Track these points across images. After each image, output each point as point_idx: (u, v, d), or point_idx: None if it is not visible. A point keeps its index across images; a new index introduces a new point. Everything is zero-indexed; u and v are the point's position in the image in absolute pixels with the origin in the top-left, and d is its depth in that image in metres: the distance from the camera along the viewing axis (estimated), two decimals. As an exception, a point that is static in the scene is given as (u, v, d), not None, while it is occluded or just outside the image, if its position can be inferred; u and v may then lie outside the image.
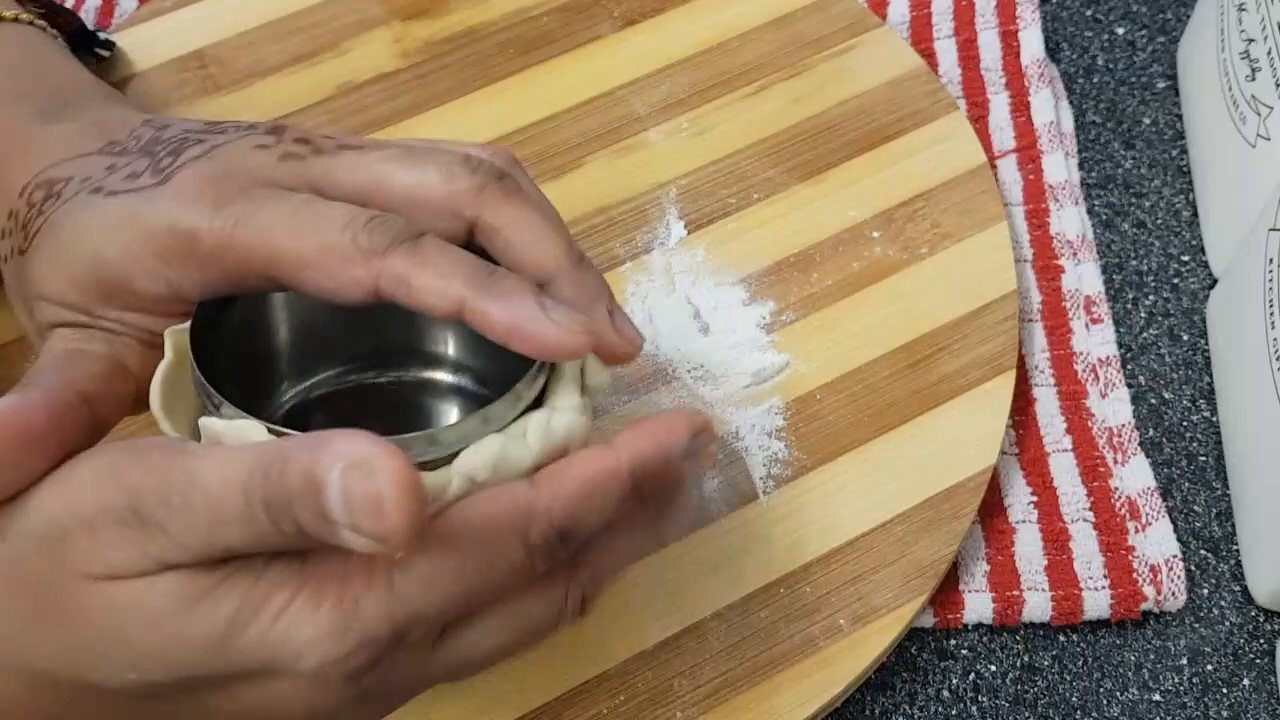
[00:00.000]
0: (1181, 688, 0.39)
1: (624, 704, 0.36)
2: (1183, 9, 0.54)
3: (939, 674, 0.39)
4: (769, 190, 0.46)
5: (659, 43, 0.50)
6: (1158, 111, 0.51)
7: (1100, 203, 0.49)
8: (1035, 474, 0.42)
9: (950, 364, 0.42)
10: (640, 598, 0.38)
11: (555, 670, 0.37)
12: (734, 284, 0.44)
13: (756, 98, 0.49)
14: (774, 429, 0.41)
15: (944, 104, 0.48)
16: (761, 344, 0.43)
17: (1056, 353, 0.44)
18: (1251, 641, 0.39)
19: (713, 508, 0.40)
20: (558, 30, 0.51)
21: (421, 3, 0.52)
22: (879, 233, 0.45)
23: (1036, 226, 0.47)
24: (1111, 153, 0.50)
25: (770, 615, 0.38)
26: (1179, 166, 0.49)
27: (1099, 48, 0.53)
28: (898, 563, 0.38)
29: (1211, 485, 0.42)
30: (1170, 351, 0.45)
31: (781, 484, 0.40)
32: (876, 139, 0.47)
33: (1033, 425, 0.43)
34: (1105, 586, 0.39)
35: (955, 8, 0.52)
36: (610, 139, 0.48)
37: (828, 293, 0.44)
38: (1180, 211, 0.48)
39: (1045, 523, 0.41)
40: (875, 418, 0.41)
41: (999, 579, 0.40)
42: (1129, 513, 0.41)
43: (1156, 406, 0.44)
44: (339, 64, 0.51)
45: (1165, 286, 0.47)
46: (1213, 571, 0.41)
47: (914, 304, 0.44)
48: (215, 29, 0.52)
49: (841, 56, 0.50)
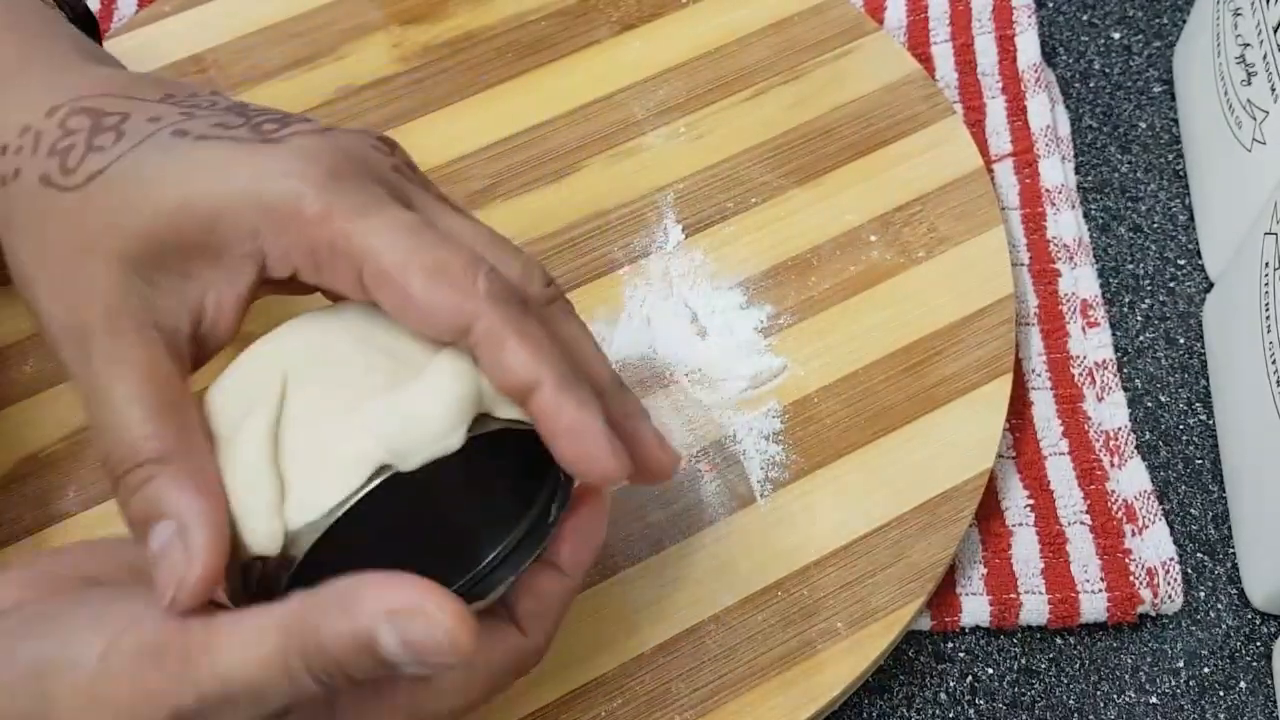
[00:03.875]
0: (1178, 690, 0.39)
1: (621, 708, 0.36)
2: (1178, 14, 0.54)
3: (936, 677, 0.39)
4: (766, 194, 0.47)
5: (657, 47, 0.50)
6: (1154, 116, 0.51)
7: (1097, 207, 0.49)
8: (1032, 477, 0.42)
9: (947, 367, 0.42)
10: (638, 601, 0.38)
11: (553, 674, 0.37)
12: (731, 288, 0.44)
13: (754, 102, 0.49)
14: (771, 432, 0.41)
15: (941, 108, 0.48)
16: (759, 347, 0.43)
17: (1053, 356, 0.44)
18: (1248, 644, 0.39)
19: (710, 511, 0.40)
20: (556, 35, 0.51)
21: (420, 7, 0.52)
22: (876, 236, 0.45)
23: (1033, 230, 0.47)
24: (1108, 157, 0.50)
25: (768, 618, 0.38)
26: (1175, 171, 0.50)
27: (1095, 52, 0.53)
28: (895, 566, 0.38)
29: (1208, 488, 0.42)
30: (1166, 355, 0.45)
31: (779, 487, 0.40)
32: (874, 143, 0.48)
33: (1029, 428, 0.43)
34: (1102, 589, 0.39)
35: (952, 12, 0.52)
36: (608, 143, 0.48)
37: (825, 296, 0.44)
38: (1176, 215, 0.48)
39: (1042, 526, 0.41)
40: (872, 421, 0.41)
41: (996, 582, 0.40)
42: (1125, 516, 0.41)
43: (1153, 410, 0.44)
44: (337, 68, 0.51)
45: (1161, 290, 0.47)
46: (1209, 574, 0.41)
47: (911, 307, 0.44)
48: (214, 33, 0.52)
49: (839, 61, 0.50)
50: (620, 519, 0.40)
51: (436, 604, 0.24)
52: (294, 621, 0.24)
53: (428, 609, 0.23)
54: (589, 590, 0.38)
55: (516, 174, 0.47)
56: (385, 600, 0.24)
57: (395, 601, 0.24)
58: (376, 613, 0.24)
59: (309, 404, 0.26)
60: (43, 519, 0.41)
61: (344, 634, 0.24)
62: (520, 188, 0.47)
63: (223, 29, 0.52)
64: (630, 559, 0.39)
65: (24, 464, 0.41)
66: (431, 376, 0.26)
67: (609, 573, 0.39)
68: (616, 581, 0.39)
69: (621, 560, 0.39)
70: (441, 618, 0.23)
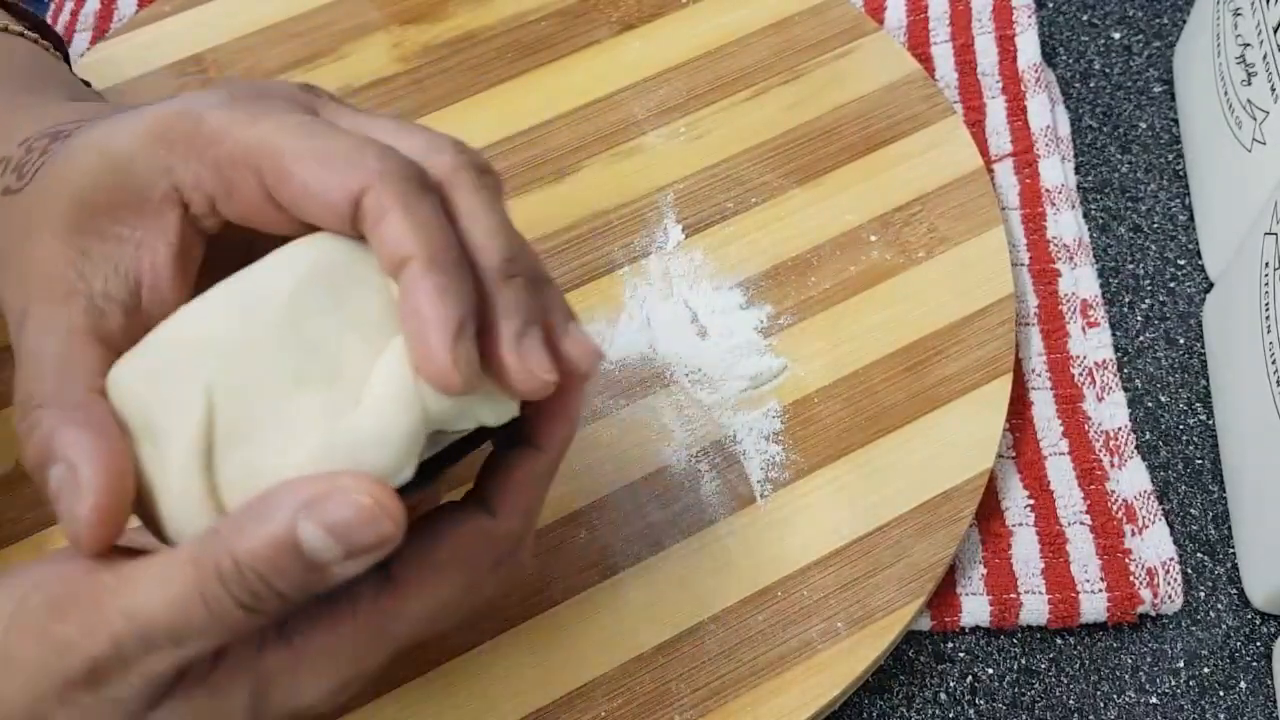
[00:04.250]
0: (1178, 690, 0.39)
1: (621, 708, 0.36)
2: (1178, 14, 0.54)
3: (936, 677, 0.39)
4: (766, 194, 0.47)
5: (657, 47, 0.50)
6: (1154, 116, 0.51)
7: (1096, 207, 0.49)
8: (1032, 477, 0.42)
9: (947, 367, 0.42)
10: (638, 601, 0.38)
11: (553, 674, 0.37)
12: (732, 288, 0.44)
13: (754, 102, 0.49)
14: (771, 432, 0.41)
15: (941, 108, 0.48)
16: (759, 347, 0.43)
17: (1053, 356, 0.44)
18: (1248, 644, 0.39)
19: (710, 511, 0.40)
20: (556, 35, 0.51)
21: (420, 7, 0.52)
22: (876, 236, 0.45)
23: (1033, 230, 0.47)
24: (1108, 157, 0.50)
25: (768, 618, 0.38)
26: (1175, 171, 0.50)
27: (1095, 52, 0.53)
28: (895, 566, 0.38)
29: (1208, 488, 0.42)
30: (1166, 355, 0.45)
31: (779, 487, 0.40)
32: (874, 143, 0.48)
33: (1030, 428, 0.43)
34: (1102, 589, 0.39)
35: (952, 12, 0.52)
36: (608, 143, 0.48)
37: (825, 296, 0.44)
38: (1176, 215, 0.49)
39: (1042, 526, 0.41)
40: (872, 421, 0.41)
41: (996, 582, 0.40)
42: (1125, 516, 0.41)
43: (1153, 410, 0.44)
44: (337, 68, 0.51)
45: (1161, 290, 0.47)
46: (1209, 574, 0.41)
47: (911, 307, 0.44)
48: (214, 33, 0.52)
49: (839, 61, 0.50)
50: (620, 519, 0.40)
51: (353, 482, 0.23)
52: (205, 549, 0.23)
53: (342, 485, 0.23)
54: (589, 590, 0.38)
55: (516, 174, 0.47)
56: (300, 495, 0.23)
57: (309, 491, 0.23)
58: (293, 509, 0.23)
59: (237, 424, 0.24)
60: (42, 519, 0.41)
61: (262, 542, 0.23)
62: (520, 188, 0.47)
63: (223, 29, 0.52)
64: (630, 559, 0.39)
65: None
66: (374, 404, 0.24)
67: (609, 573, 0.39)
68: (616, 581, 0.39)
69: (621, 560, 0.39)
70: (359, 492, 0.23)
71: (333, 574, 0.23)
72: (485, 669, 0.37)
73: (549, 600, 0.38)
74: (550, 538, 0.39)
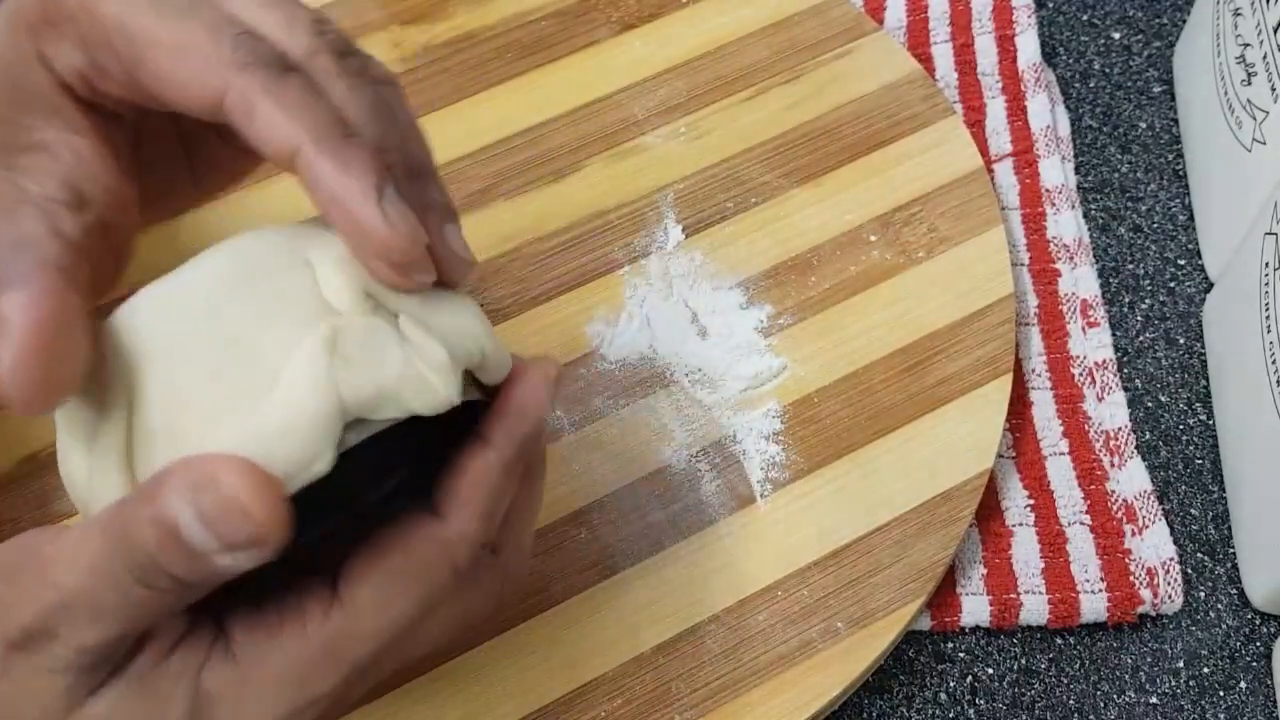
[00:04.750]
0: (1178, 691, 0.39)
1: (622, 708, 0.36)
2: (1178, 14, 0.54)
3: (936, 677, 0.39)
4: (766, 194, 0.47)
5: (657, 47, 0.50)
6: (1154, 116, 0.51)
7: (1096, 206, 0.49)
8: (1032, 477, 0.42)
9: (947, 367, 0.42)
10: (638, 601, 0.38)
11: (553, 674, 0.37)
12: (731, 288, 0.44)
13: (754, 102, 0.49)
14: (771, 432, 0.41)
15: (941, 108, 0.48)
16: (759, 347, 0.43)
17: (1053, 356, 0.44)
18: (1248, 644, 0.39)
19: (710, 511, 0.40)
20: (556, 34, 0.51)
21: (420, 7, 0.52)
22: (876, 236, 0.45)
23: (1033, 230, 0.47)
24: (1108, 157, 0.50)
25: (768, 618, 0.38)
26: (1175, 171, 0.50)
27: (1095, 52, 0.53)
28: (895, 566, 0.38)
29: (1208, 488, 0.42)
30: (1166, 355, 0.45)
31: (779, 487, 0.40)
32: (873, 143, 0.48)
33: (1029, 428, 0.43)
34: (1102, 589, 0.39)
35: (952, 12, 0.52)
36: (608, 143, 0.48)
37: (825, 296, 0.44)
38: (1176, 215, 0.49)
39: (1042, 526, 0.41)
40: (872, 421, 0.41)
41: (996, 582, 0.40)
42: (1125, 516, 0.41)
43: (1153, 410, 0.44)
44: (337, 68, 0.51)
45: (1161, 290, 0.47)
46: (1209, 574, 0.41)
47: (911, 307, 0.44)
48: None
49: (839, 61, 0.50)
50: (620, 519, 0.40)
51: (236, 472, 0.21)
52: (111, 519, 0.22)
53: (220, 477, 0.21)
54: (589, 590, 0.38)
55: (516, 174, 0.47)
56: (190, 476, 0.21)
57: (198, 473, 0.21)
58: (179, 490, 0.21)
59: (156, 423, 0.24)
60: (42, 519, 0.41)
61: (147, 521, 0.21)
62: (520, 188, 0.47)
63: (223, 29, 0.52)
64: (630, 559, 0.39)
65: (24, 464, 0.41)
66: (284, 393, 0.24)
67: (609, 573, 0.39)
68: (616, 581, 0.39)
69: (621, 560, 0.39)
70: (235, 488, 0.21)
71: (216, 563, 0.22)
72: (485, 669, 0.37)
73: (549, 600, 0.38)
74: (550, 537, 0.39)
